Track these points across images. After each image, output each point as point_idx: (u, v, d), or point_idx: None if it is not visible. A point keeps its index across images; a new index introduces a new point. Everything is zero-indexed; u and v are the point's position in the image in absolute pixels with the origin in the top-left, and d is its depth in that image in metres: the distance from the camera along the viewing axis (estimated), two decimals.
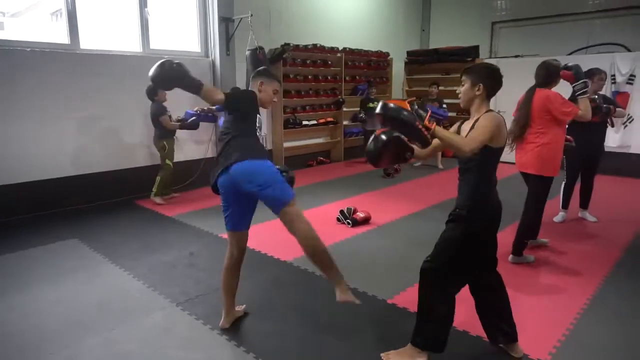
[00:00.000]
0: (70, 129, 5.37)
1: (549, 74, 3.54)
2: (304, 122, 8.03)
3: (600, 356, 2.47)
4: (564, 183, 4.72)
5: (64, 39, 5.36)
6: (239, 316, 2.84)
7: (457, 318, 2.71)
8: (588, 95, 3.58)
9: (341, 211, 4.81)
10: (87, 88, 5.44)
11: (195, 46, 6.72)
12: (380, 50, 9.37)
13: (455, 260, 2.25)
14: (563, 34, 8.80)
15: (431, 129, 2.05)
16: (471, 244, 2.25)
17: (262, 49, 6.22)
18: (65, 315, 2.92)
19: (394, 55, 9.69)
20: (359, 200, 5.63)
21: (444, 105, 7.59)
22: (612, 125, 4.77)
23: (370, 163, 2.32)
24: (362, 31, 9.32)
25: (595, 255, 3.86)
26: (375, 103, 8.12)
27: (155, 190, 5.58)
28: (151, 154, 5.97)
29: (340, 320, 2.83)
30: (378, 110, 2.06)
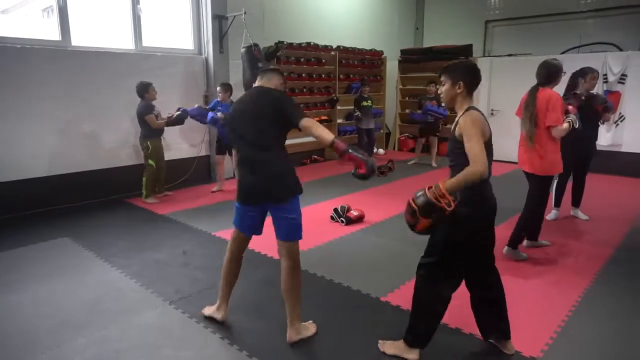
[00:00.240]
0: (61, 127, 5.32)
1: (549, 74, 3.58)
2: None
3: (592, 353, 2.49)
4: (556, 181, 4.75)
5: (55, 35, 5.31)
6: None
7: (451, 315, 2.72)
8: (570, 122, 3.58)
9: (335, 209, 4.81)
10: (79, 85, 5.40)
11: (188, 44, 6.68)
12: (374, 49, 9.37)
13: (450, 258, 2.26)
14: (556, 33, 8.86)
15: (449, 199, 2.06)
16: (466, 240, 2.25)
17: (258, 46, 6.20)
18: (57, 314, 2.90)
19: (388, 54, 9.70)
20: (352, 199, 5.63)
21: (443, 104, 7.59)
22: (604, 122, 4.82)
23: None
24: (356, 29, 9.32)
25: (587, 253, 3.89)
26: (368, 102, 8.14)
27: (144, 192, 5.56)
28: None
29: (334, 318, 2.83)
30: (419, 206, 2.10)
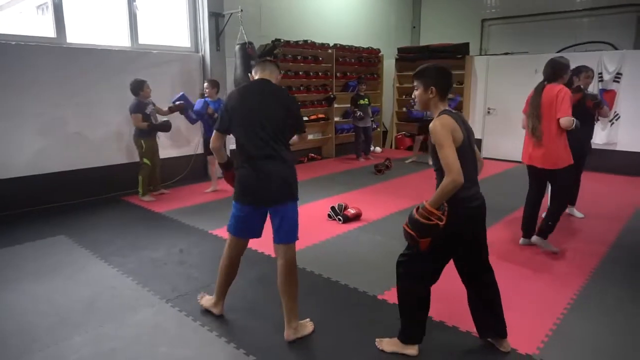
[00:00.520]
0: (56, 125, 5.30)
1: (554, 71, 3.68)
2: None
3: (587, 350, 2.50)
4: None
5: (50, 32, 5.28)
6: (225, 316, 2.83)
7: (447, 313, 2.73)
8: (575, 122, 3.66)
9: (332, 207, 4.81)
10: (74, 82, 5.37)
11: (185, 41, 6.66)
12: (371, 47, 9.37)
13: (427, 255, 2.25)
14: (552, 31, 8.88)
15: (438, 214, 2.10)
16: (445, 243, 2.24)
17: (252, 44, 6.20)
18: (52, 312, 2.89)
19: (385, 52, 9.70)
20: (350, 197, 5.64)
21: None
22: (598, 119, 4.85)
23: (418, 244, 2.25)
24: (353, 27, 9.31)
25: (582, 251, 3.91)
26: (365, 100, 8.14)
27: (140, 190, 5.54)
28: None
29: (331, 316, 2.83)
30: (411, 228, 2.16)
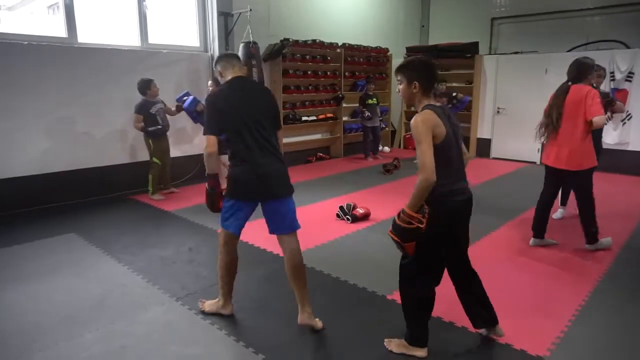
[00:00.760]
0: (67, 123, 5.35)
1: (579, 71, 3.65)
2: (304, 118, 8.01)
3: (599, 352, 2.47)
4: None
5: (61, 32, 5.33)
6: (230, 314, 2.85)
7: (456, 314, 2.71)
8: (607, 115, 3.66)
9: (341, 207, 4.81)
10: (85, 82, 5.42)
11: (194, 41, 6.69)
12: (380, 46, 9.34)
13: (425, 255, 2.26)
14: (562, 30, 8.78)
15: (418, 217, 2.13)
16: (438, 237, 2.24)
17: (256, 44, 6.21)
18: (63, 310, 2.91)
19: (394, 51, 9.67)
20: (358, 196, 5.63)
21: (454, 93, 7.46)
22: (611, 117, 4.80)
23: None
24: (362, 27, 9.29)
25: (593, 253, 3.86)
26: (373, 99, 8.12)
27: (150, 189, 5.57)
28: None
29: (340, 315, 2.83)
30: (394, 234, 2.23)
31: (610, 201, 5.44)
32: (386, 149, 9.33)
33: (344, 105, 8.67)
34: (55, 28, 5.38)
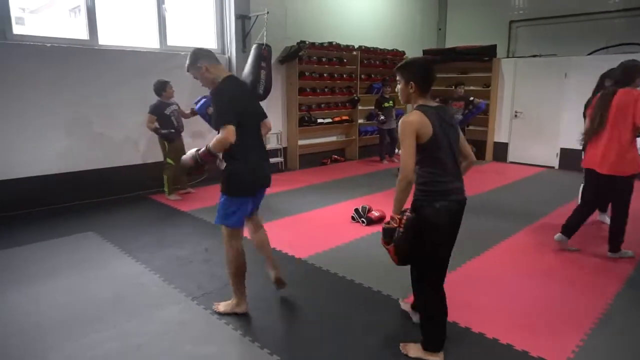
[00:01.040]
0: (87, 124, 5.44)
1: (624, 74, 3.56)
2: (319, 120, 8.02)
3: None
4: (582, 185, 4.63)
5: (83, 34, 5.43)
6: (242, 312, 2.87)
7: (473, 320, 2.68)
8: None
9: (356, 210, 4.79)
10: (105, 83, 5.51)
11: (212, 43, 6.75)
12: (396, 49, 9.32)
13: (423, 258, 2.27)
14: (582, 33, 8.64)
15: (396, 217, 2.19)
16: (433, 236, 2.23)
17: (269, 46, 6.19)
18: (80, 307, 2.96)
19: (410, 54, 9.60)
20: (373, 199, 5.60)
21: (471, 98, 7.38)
22: None
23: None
24: (378, 29, 9.27)
25: (615, 259, 3.78)
26: (390, 102, 8.09)
27: (166, 189, 5.63)
28: None
29: (355, 318, 2.82)
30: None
31: (633, 208, 5.30)
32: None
33: (360, 107, 8.66)
34: (77, 30, 5.49)
